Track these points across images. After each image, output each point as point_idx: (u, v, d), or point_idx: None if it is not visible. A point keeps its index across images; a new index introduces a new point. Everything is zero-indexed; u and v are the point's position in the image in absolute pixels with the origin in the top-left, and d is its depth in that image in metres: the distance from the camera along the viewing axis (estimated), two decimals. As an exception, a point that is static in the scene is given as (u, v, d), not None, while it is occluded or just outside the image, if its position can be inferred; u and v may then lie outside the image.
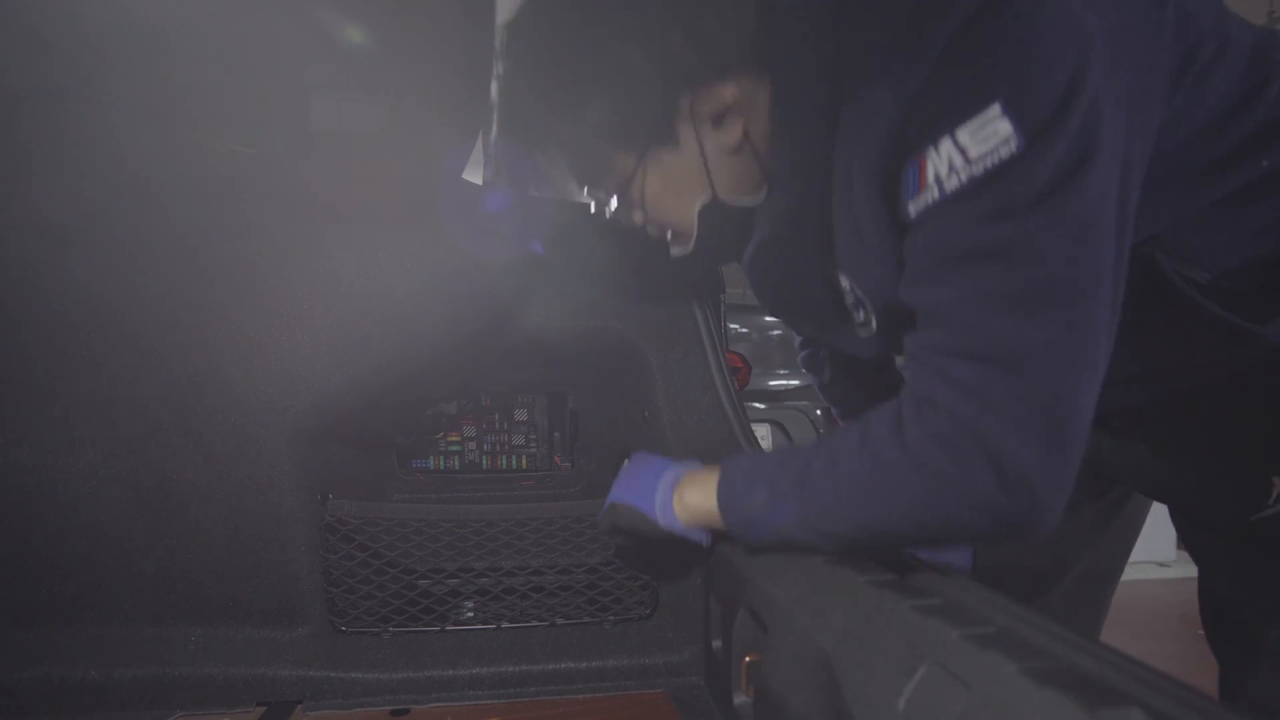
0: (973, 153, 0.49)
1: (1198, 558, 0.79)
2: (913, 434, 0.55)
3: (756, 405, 2.98)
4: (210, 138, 0.76)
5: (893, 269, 0.60)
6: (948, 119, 0.50)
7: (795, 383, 3.07)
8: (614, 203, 0.72)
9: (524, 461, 1.24)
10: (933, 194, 0.52)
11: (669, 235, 0.75)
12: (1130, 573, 0.98)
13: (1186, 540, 0.80)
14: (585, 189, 0.72)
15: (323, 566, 0.92)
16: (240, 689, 0.84)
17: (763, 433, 3.01)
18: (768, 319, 3.17)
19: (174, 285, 0.82)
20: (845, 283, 0.67)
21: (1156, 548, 2.86)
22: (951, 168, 0.50)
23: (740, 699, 0.74)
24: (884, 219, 0.58)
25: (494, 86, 0.68)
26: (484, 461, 1.23)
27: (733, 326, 3.16)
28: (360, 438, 1.06)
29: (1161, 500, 0.82)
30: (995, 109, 0.48)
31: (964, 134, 0.49)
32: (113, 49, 0.68)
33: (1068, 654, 0.39)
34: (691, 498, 0.76)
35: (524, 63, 0.65)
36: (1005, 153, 0.48)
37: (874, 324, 0.68)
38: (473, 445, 1.23)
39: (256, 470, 0.87)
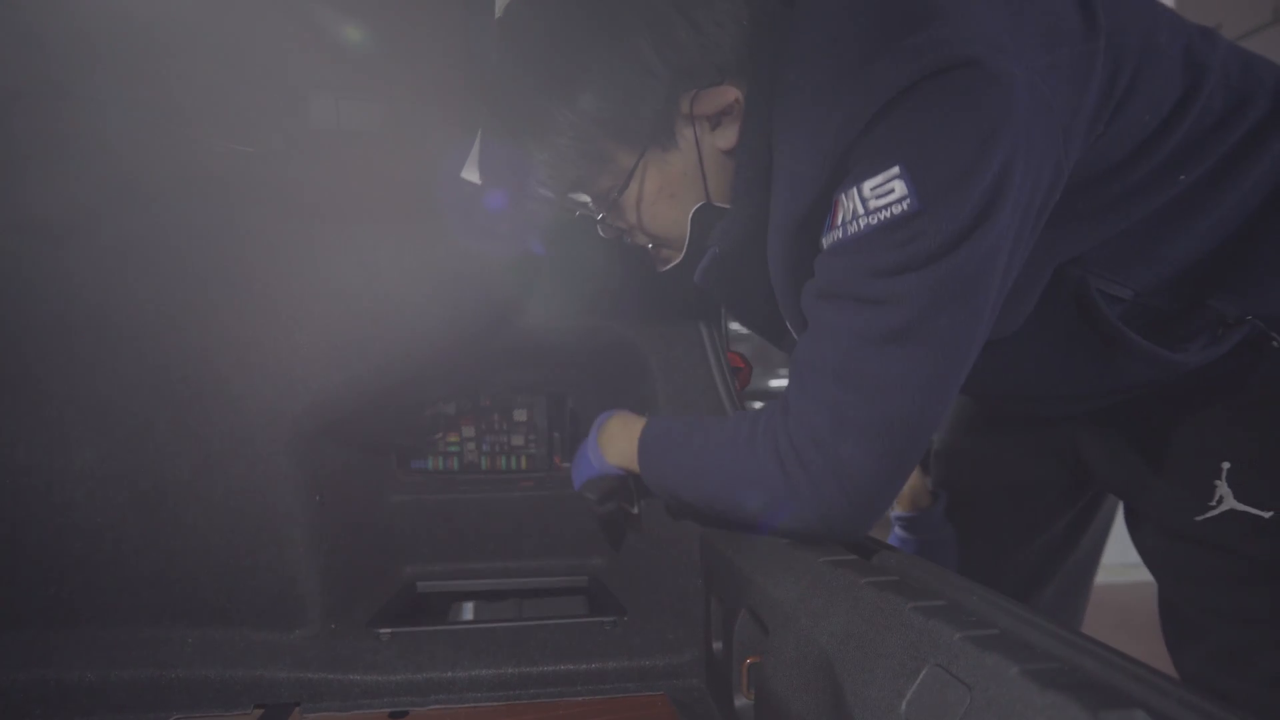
0: (870, 205, 0.55)
1: (1148, 560, 0.82)
2: (776, 441, 0.63)
3: (757, 405, 2.98)
4: (207, 136, 0.76)
5: (795, 290, 0.66)
6: (859, 172, 0.56)
7: (795, 384, 3.07)
8: (604, 206, 0.73)
9: (523, 462, 1.24)
10: (838, 234, 0.58)
11: (657, 248, 0.76)
12: (1130, 574, 0.99)
13: (1138, 544, 0.83)
14: (577, 190, 0.73)
15: (320, 568, 0.92)
16: (238, 691, 0.83)
17: (763, 434, 3.00)
18: (768, 320, 3.17)
19: (170, 285, 0.81)
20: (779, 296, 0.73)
21: (1157, 549, 2.85)
22: (855, 214, 0.56)
23: (741, 701, 0.73)
24: (806, 245, 0.64)
25: (492, 75, 0.68)
26: (483, 462, 1.23)
27: (733, 326, 3.15)
28: (358, 438, 1.05)
29: (1121, 498, 0.85)
30: (895, 170, 0.53)
31: (867, 187, 0.55)
32: (108, 47, 0.67)
33: (1070, 656, 0.39)
34: (617, 442, 0.86)
35: (528, 49, 0.66)
36: (898, 210, 0.54)
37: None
38: (472, 446, 1.23)
39: (254, 471, 0.87)
